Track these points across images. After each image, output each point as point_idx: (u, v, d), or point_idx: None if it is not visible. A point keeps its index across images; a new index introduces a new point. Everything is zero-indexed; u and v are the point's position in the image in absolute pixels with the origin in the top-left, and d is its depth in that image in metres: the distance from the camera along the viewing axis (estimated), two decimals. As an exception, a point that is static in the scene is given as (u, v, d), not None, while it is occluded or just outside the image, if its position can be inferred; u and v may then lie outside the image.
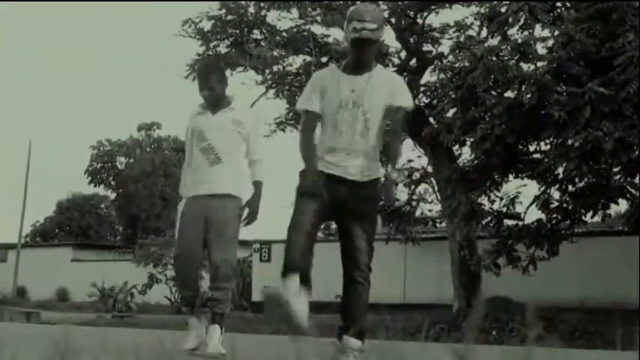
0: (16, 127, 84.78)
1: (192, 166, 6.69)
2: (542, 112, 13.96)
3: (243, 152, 6.73)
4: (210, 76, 6.65)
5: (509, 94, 15.13)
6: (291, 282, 5.16)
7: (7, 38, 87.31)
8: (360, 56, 5.45)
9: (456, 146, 17.26)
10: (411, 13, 19.34)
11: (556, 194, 16.16)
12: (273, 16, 19.64)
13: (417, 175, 21.28)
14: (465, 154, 17.76)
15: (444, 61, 18.45)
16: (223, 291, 6.55)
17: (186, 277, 6.61)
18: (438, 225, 22.72)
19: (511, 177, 16.51)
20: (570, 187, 15.77)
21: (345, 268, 5.45)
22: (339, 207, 5.41)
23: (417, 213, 21.96)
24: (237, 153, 6.69)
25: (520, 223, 16.86)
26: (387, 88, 5.44)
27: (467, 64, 15.33)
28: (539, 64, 14.58)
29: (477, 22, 17.43)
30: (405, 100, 5.54)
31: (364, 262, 5.39)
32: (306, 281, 5.25)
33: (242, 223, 6.64)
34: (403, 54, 20.41)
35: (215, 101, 6.64)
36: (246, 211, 6.62)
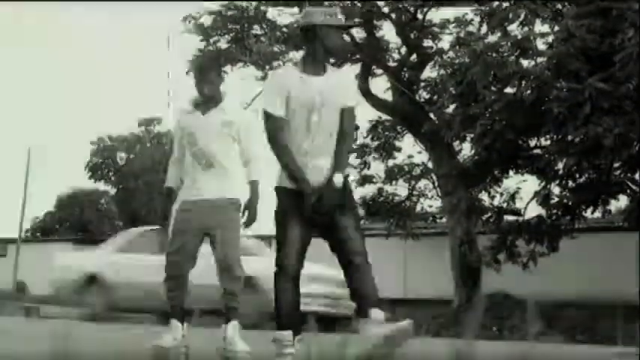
0: (17, 123, 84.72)
1: (185, 168, 6.68)
2: (542, 107, 13.96)
3: (235, 153, 6.67)
4: (209, 71, 6.58)
5: (509, 90, 15.13)
6: (284, 335, 5.34)
7: (7, 33, 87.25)
8: (335, 42, 5.51)
9: (456, 142, 17.26)
10: (412, 9, 19.32)
11: (556, 190, 16.18)
12: (273, 12, 19.64)
13: (417, 171, 21.29)
14: (465, 150, 17.78)
15: (444, 56, 18.44)
16: (237, 282, 6.53)
17: (177, 278, 6.53)
18: (438, 220, 22.74)
19: (511, 173, 16.51)
20: (570, 183, 15.78)
21: (343, 259, 5.46)
22: (321, 213, 5.42)
23: (418, 208, 21.99)
24: (229, 155, 6.63)
25: (520, 218, 16.87)
26: (340, 87, 5.48)
27: (467, 59, 15.33)
28: (539, 60, 14.58)
29: (477, 18, 17.42)
30: (356, 97, 5.65)
31: (361, 248, 5.45)
32: (298, 328, 5.40)
33: (241, 225, 6.64)
34: (403, 50, 20.41)
35: (211, 97, 6.56)
36: (246, 214, 6.59)
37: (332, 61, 5.65)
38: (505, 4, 14.95)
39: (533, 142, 16.24)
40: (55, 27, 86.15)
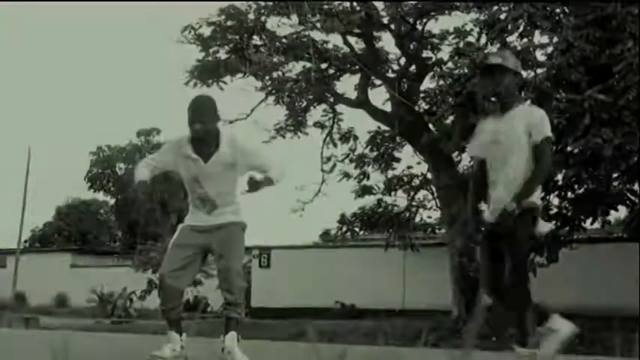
0: (16, 133, 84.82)
1: (192, 203, 6.75)
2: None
3: (237, 184, 6.75)
4: (203, 110, 6.53)
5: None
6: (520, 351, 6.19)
7: (7, 42, 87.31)
8: (488, 84, 6.40)
9: (456, 153, 17.25)
10: (411, 20, 19.35)
11: (555, 201, 16.16)
12: (272, 23, 19.64)
13: (416, 182, 21.31)
14: (465, 161, 17.79)
15: (444, 67, 18.46)
16: (238, 293, 6.51)
17: (170, 294, 6.57)
18: (437, 231, 22.73)
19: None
20: (570, 194, 15.77)
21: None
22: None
23: (417, 219, 21.99)
24: (234, 192, 6.74)
25: (519, 229, 16.82)
26: (524, 124, 6.19)
27: (466, 70, 15.34)
28: (539, 70, 14.58)
29: (477, 29, 17.45)
30: (543, 131, 6.22)
31: (510, 283, 6.25)
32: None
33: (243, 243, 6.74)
34: (403, 60, 20.44)
35: (205, 137, 6.52)
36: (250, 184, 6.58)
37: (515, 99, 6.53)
38: (504, 15, 14.93)
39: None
40: (49, 30, 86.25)
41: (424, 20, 19.47)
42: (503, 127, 6.23)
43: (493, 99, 6.69)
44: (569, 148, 13.92)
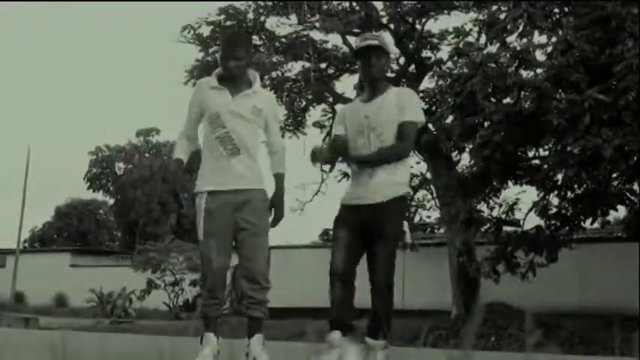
0: (15, 133, 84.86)
1: (209, 154, 5.99)
2: (542, 119, 13.96)
3: (260, 142, 6.14)
4: (238, 46, 5.92)
5: (508, 100, 15.12)
6: (333, 335, 5.70)
7: (8, 42, 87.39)
8: (364, 66, 5.98)
9: (455, 153, 17.23)
10: (410, 19, 19.34)
11: (555, 201, 16.15)
12: (272, 22, 19.65)
13: (415, 182, 21.29)
14: (464, 161, 17.76)
15: (443, 67, 18.44)
16: (265, 291, 5.93)
17: (217, 284, 5.89)
18: (436, 231, 22.72)
19: (510, 184, 16.48)
20: (569, 194, 15.76)
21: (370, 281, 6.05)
22: (366, 231, 6.03)
23: (416, 219, 21.97)
24: (256, 143, 6.05)
25: (519, 229, 16.84)
26: (396, 105, 5.88)
27: (466, 70, 15.31)
28: (539, 70, 14.57)
29: (476, 29, 17.42)
30: (412, 114, 5.92)
31: (381, 273, 6.14)
32: (351, 328, 5.79)
33: (270, 224, 6.10)
34: (402, 60, 20.43)
35: (237, 75, 5.93)
36: (272, 212, 6.05)
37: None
38: (504, 15, 14.92)
39: (532, 153, 16.21)
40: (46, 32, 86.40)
41: (423, 20, 19.46)
42: (375, 110, 5.88)
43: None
44: (568, 148, 13.91)
